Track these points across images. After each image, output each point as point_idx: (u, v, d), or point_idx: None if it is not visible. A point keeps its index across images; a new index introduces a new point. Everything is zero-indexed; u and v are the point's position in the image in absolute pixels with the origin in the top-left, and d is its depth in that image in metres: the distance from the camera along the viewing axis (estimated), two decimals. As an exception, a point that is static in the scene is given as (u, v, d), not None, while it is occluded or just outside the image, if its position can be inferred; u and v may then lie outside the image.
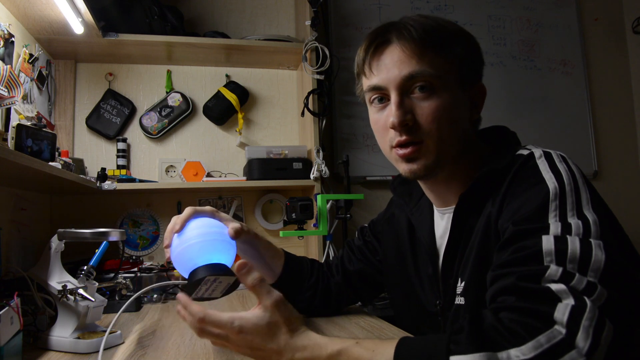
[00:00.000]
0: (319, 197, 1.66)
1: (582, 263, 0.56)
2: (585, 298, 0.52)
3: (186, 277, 0.70)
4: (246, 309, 1.20)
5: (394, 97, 0.74)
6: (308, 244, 1.92)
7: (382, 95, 0.77)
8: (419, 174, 0.77)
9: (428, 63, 0.73)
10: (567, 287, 0.53)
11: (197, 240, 0.72)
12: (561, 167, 0.67)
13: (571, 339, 0.49)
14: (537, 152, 0.72)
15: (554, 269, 0.55)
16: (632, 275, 0.59)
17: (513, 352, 0.49)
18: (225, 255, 0.73)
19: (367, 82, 0.79)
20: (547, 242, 0.58)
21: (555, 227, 0.60)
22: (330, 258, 1.61)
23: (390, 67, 0.75)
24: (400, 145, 0.75)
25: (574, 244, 0.57)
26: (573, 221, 0.60)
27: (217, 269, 0.68)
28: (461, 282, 0.76)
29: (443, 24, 0.77)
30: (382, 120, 0.77)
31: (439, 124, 0.73)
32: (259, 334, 0.62)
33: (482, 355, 0.49)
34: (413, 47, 0.73)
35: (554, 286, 0.54)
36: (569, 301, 0.52)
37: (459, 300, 0.76)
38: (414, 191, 0.94)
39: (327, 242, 1.79)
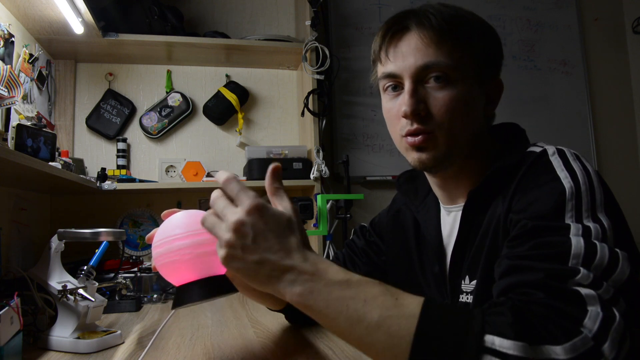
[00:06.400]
0: (319, 197, 1.66)
1: (606, 272, 0.55)
2: (614, 309, 0.52)
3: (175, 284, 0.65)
4: (246, 310, 1.20)
5: (407, 85, 0.73)
6: (308, 244, 1.91)
7: (396, 83, 0.76)
8: (428, 165, 0.75)
9: (445, 53, 0.71)
10: (596, 294, 0.52)
11: (186, 256, 0.61)
12: (575, 165, 0.66)
13: (599, 347, 0.48)
14: (550, 150, 0.70)
15: (585, 273, 0.54)
16: (638, 282, 0.58)
17: (548, 348, 0.48)
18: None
19: (382, 69, 0.77)
20: (577, 244, 0.57)
21: (575, 228, 0.59)
22: (330, 258, 1.61)
23: (406, 54, 0.73)
24: (411, 134, 0.74)
25: (602, 250, 0.56)
26: (590, 224, 0.59)
27: (210, 292, 0.61)
28: (470, 281, 0.76)
29: (464, 14, 0.75)
30: (395, 109, 0.76)
31: (452, 115, 0.72)
32: (277, 222, 0.56)
33: (521, 344, 0.48)
34: (431, 36, 0.72)
35: (584, 291, 0.53)
36: (598, 309, 0.51)
37: (466, 298, 0.76)
38: (420, 189, 0.92)
39: (327, 242, 1.79)
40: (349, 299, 0.53)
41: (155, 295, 1.43)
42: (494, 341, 0.48)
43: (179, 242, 0.63)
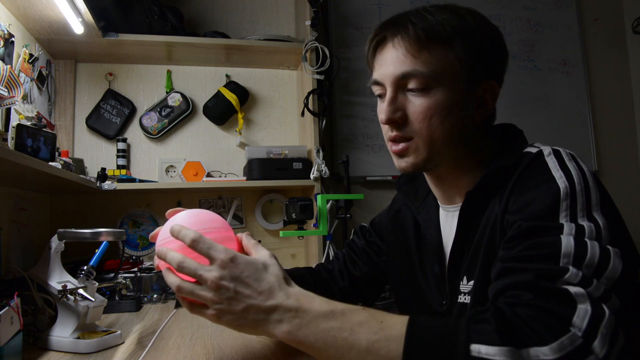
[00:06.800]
0: (319, 197, 1.66)
1: (598, 269, 0.56)
2: (604, 306, 0.52)
3: None
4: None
5: (388, 93, 0.76)
6: (308, 244, 1.92)
7: (381, 90, 0.78)
8: (408, 170, 0.78)
9: (423, 62, 0.73)
10: (586, 292, 0.53)
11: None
12: (571, 165, 0.67)
13: (588, 344, 0.49)
14: (546, 150, 0.71)
15: (574, 272, 0.55)
16: (636, 280, 0.59)
17: (535, 350, 0.49)
18: None
19: (371, 76, 0.81)
20: (567, 244, 0.57)
21: (569, 227, 0.59)
22: (330, 258, 1.61)
23: (388, 63, 0.76)
24: (393, 140, 0.77)
25: (593, 249, 0.57)
26: (585, 223, 0.60)
27: None
28: (468, 282, 0.76)
29: (448, 18, 0.74)
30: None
31: (430, 122, 0.73)
32: (252, 267, 0.59)
33: (507, 349, 0.49)
34: (408, 47, 0.73)
35: (573, 289, 0.53)
36: (587, 307, 0.51)
37: (464, 299, 0.76)
38: (419, 189, 0.93)
39: (327, 242, 1.79)
40: (336, 330, 0.55)
41: (155, 295, 1.43)
42: (480, 350, 0.49)
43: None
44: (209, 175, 1.91)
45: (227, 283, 0.58)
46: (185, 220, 0.67)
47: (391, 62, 0.75)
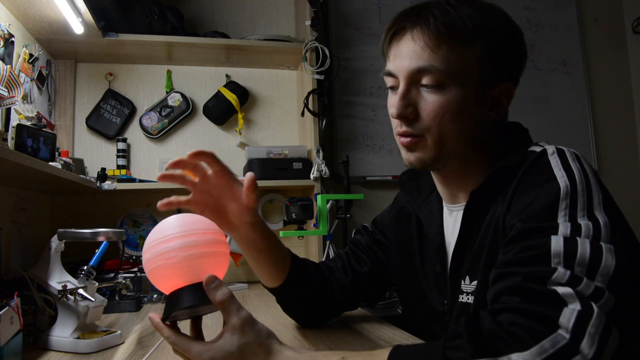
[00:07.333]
0: (319, 197, 1.66)
1: (590, 267, 0.55)
2: (593, 304, 0.51)
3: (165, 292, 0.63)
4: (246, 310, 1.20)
5: (400, 87, 0.74)
6: (308, 244, 1.92)
7: (394, 82, 0.76)
8: (415, 165, 0.77)
9: (441, 58, 0.70)
10: (574, 291, 0.52)
11: (178, 258, 0.59)
12: (574, 165, 0.66)
13: (575, 344, 0.48)
14: (550, 149, 0.70)
15: (561, 272, 0.54)
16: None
17: (515, 357, 0.48)
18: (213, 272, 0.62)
19: (385, 66, 0.78)
20: (556, 243, 0.57)
21: (564, 227, 0.58)
22: (330, 258, 1.60)
23: (404, 56, 0.73)
24: (402, 135, 0.75)
25: (583, 246, 0.56)
26: (583, 222, 0.59)
27: (201, 298, 0.59)
28: (471, 282, 0.76)
29: (471, 14, 0.71)
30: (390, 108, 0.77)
31: (441, 121, 0.72)
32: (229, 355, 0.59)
33: None
34: (427, 40, 0.71)
35: (561, 289, 0.52)
36: (575, 306, 0.51)
37: (467, 299, 0.76)
38: (422, 187, 0.92)
39: (327, 242, 1.79)
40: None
41: (155, 295, 1.43)
42: None
43: (163, 245, 0.61)
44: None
45: None
46: (170, 223, 0.65)
47: (407, 54, 0.73)
